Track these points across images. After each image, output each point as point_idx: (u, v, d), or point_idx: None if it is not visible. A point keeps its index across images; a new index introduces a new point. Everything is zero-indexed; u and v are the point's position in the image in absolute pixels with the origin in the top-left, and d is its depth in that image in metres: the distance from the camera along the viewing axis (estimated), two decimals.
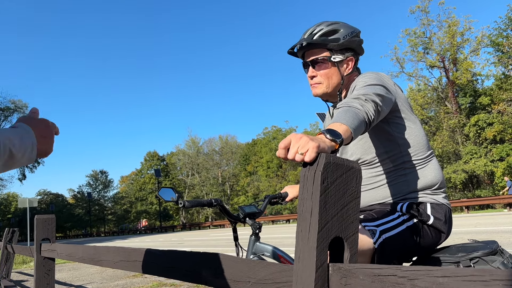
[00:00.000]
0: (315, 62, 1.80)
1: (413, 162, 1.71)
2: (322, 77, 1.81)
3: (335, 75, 1.80)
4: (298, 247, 0.97)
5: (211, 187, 63.06)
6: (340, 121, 1.24)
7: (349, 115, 1.28)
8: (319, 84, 1.82)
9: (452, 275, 0.71)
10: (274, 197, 2.15)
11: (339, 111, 1.34)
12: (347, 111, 1.31)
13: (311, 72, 1.82)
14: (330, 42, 1.76)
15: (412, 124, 1.73)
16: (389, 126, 1.70)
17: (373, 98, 1.44)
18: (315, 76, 1.82)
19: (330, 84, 1.81)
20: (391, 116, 1.69)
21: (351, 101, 1.39)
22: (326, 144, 1.05)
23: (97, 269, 8.89)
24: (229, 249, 10.62)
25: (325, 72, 1.80)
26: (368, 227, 1.53)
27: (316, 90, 1.84)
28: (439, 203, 1.69)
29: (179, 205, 1.77)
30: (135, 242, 22.74)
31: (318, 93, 1.84)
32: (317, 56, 1.80)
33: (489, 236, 8.51)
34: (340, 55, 1.79)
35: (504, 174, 26.97)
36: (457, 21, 32.19)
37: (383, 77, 1.69)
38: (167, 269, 1.74)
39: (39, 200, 67.04)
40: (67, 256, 2.98)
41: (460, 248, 1.59)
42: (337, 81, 1.81)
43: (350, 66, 1.82)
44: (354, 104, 1.36)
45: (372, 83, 1.56)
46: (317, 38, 1.77)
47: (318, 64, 1.80)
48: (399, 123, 1.71)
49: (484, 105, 31.51)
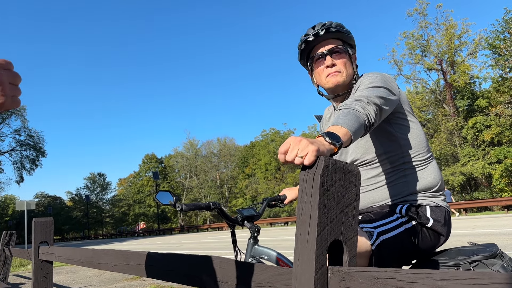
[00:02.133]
0: (334, 51, 1.78)
1: (413, 163, 1.71)
2: (341, 66, 1.78)
3: (349, 66, 1.80)
4: (297, 250, 0.97)
5: (209, 189, 63.00)
6: (340, 124, 1.24)
7: (349, 118, 1.29)
8: (339, 73, 1.78)
9: (451, 278, 0.71)
10: (272, 199, 2.15)
11: (340, 113, 1.34)
12: (348, 114, 1.31)
13: (330, 61, 1.78)
14: (345, 33, 1.79)
15: (413, 125, 1.74)
16: (391, 127, 1.71)
17: (375, 100, 1.45)
18: (334, 65, 1.78)
19: (348, 74, 1.79)
20: (394, 117, 1.70)
21: (352, 103, 1.39)
22: (325, 147, 1.06)
23: (95, 272, 8.87)
24: (228, 251, 10.60)
25: (344, 61, 1.79)
26: (366, 228, 1.53)
27: (337, 78, 1.78)
28: (439, 206, 1.69)
29: (177, 208, 1.77)
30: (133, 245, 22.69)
31: (340, 81, 1.78)
32: (335, 44, 1.79)
33: (487, 238, 8.52)
34: (350, 48, 1.81)
35: (501, 176, 27.04)
36: (454, 24, 32.34)
37: (387, 78, 1.69)
38: (165, 272, 1.74)
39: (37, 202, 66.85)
40: (65, 259, 2.97)
41: (459, 251, 1.59)
42: (352, 73, 1.81)
43: (355, 62, 1.84)
44: (355, 106, 1.37)
45: (376, 85, 1.57)
46: (335, 26, 1.77)
47: (336, 54, 1.78)
48: (401, 124, 1.72)
49: (482, 108, 31.62)
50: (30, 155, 50.33)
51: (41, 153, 50.77)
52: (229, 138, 68.12)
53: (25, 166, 50.24)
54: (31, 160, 50.44)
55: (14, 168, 49.70)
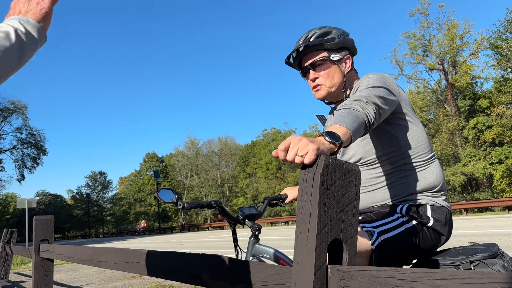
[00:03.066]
0: (315, 64, 1.80)
1: (414, 163, 1.71)
2: (324, 78, 1.79)
3: (336, 74, 1.80)
4: (297, 249, 0.97)
5: (210, 188, 63.02)
6: (340, 123, 1.24)
7: (349, 117, 1.29)
8: (321, 86, 1.81)
9: (451, 278, 0.71)
10: (273, 198, 2.15)
11: (340, 113, 1.34)
12: (347, 113, 1.31)
13: (312, 75, 1.81)
14: (327, 42, 1.77)
15: (414, 126, 1.73)
16: (392, 128, 1.70)
17: (375, 100, 1.45)
18: (317, 78, 1.81)
19: (333, 84, 1.80)
20: (394, 118, 1.69)
21: (352, 103, 1.39)
22: (325, 146, 1.06)
23: (95, 270, 8.88)
24: (228, 250, 10.61)
25: (326, 72, 1.79)
26: (366, 228, 1.53)
27: (320, 93, 1.82)
28: (440, 206, 1.69)
29: (178, 206, 1.77)
30: (134, 244, 22.71)
31: (323, 94, 1.82)
32: (316, 58, 1.80)
33: (488, 238, 8.51)
34: (338, 54, 1.79)
35: (503, 177, 27.00)
36: (456, 24, 32.28)
37: (386, 78, 1.69)
38: (165, 270, 1.74)
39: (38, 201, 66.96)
40: (65, 257, 2.97)
41: (460, 251, 1.58)
42: (340, 80, 1.80)
43: (349, 65, 1.82)
44: (354, 106, 1.37)
45: (375, 85, 1.57)
46: (314, 40, 1.78)
47: (318, 66, 1.80)
48: (402, 125, 1.71)
49: (483, 108, 31.56)
50: (31, 153, 50.46)
51: (42, 151, 50.86)
52: (230, 137, 68.19)
53: (26, 164, 50.36)
54: (32, 158, 50.54)
55: (15, 166, 49.83)
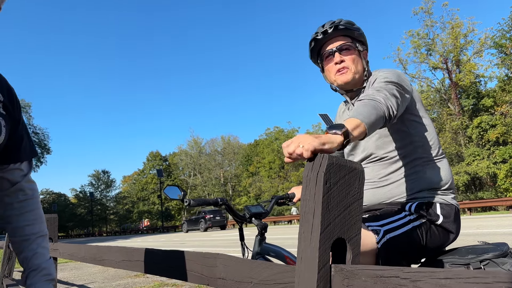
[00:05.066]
0: (342, 48, 1.79)
1: (424, 160, 1.70)
2: (350, 62, 1.78)
3: (360, 63, 1.80)
4: (300, 248, 0.97)
5: (213, 187, 63.09)
6: (355, 116, 1.25)
7: (366, 109, 1.29)
8: (347, 69, 1.79)
9: (455, 277, 0.71)
10: (281, 197, 2.15)
11: (359, 104, 1.35)
12: (365, 105, 1.32)
13: (339, 57, 1.79)
14: (355, 30, 1.79)
15: (425, 122, 1.74)
16: (404, 124, 1.70)
17: (395, 93, 1.48)
18: (343, 61, 1.79)
19: (357, 70, 1.79)
20: (406, 114, 1.69)
21: (374, 94, 1.41)
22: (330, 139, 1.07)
23: (99, 268, 8.90)
24: (231, 249, 10.62)
25: (353, 57, 1.78)
26: (372, 227, 1.52)
27: (346, 76, 1.79)
28: (449, 203, 1.68)
29: (184, 203, 1.77)
30: (137, 242, 22.76)
31: (349, 78, 1.78)
32: (343, 41, 1.79)
33: (492, 238, 8.48)
34: (360, 45, 1.81)
35: (506, 176, 26.90)
36: (460, 23, 32.17)
37: (400, 74, 1.69)
38: (168, 269, 1.74)
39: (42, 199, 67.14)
40: (69, 256, 2.98)
41: (470, 250, 1.57)
42: (362, 69, 1.80)
43: (366, 58, 1.84)
44: (376, 97, 1.38)
45: (392, 80, 1.58)
46: (344, 24, 1.78)
47: (344, 50, 1.79)
48: (414, 121, 1.71)
49: (487, 107, 31.45)
50: None
51: (46, 150, 51.02)
52: (233, 136, 68.25)
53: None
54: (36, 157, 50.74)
55: None
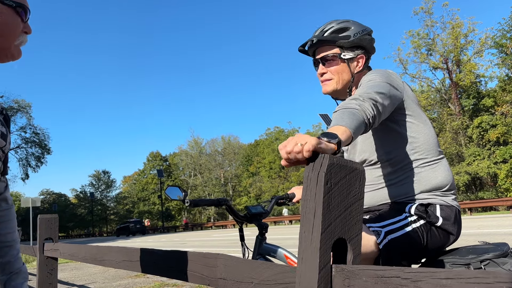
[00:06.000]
0: (325, 59, 1.79)
1: (422, 161, 1.68)
2: (332, 74, 1.79)
3: (345, 72, 1.79)
4: (301, 248, 0.97)
5: (213, 187, 63.13)
6: (338, 124, 1.24)
7: (346, 116, 1.28)
8: (329, 81, 1.80)
9: (456, 277, 0.71)
10: (281, 197, 2.15)
11: (337, 114, 1.33)
12: (343, 113, 1.31)
13: (321, 69, 1.81)
14: (340, 39, 1.75)
15: (421, 123, 1.71)
16: (398, 125, 1.68)
17: (373, 96, 1.44)
18: (325, 73, 1.81)
19: (340, 81, 1.79)
20: (399, 114, 1.67)
21: (348, 102, 1.39)
22: (324, 144, 1.06)
23: (99, 269, 8.91)
24: (232, 249, 10.62)
25: (335, 68, 1.78)
26: (373, 228, 1.52)
27: (326, 88, 1.81)
28: (449, 205, 1.66)
29: (185, 203, 1.77)
30: (138, 242, 22.77)
31: (328, 90, 1.81)
32: (327, 53, 1.79)
33: (493, 238, 8.48)
34: (351, 52, 1.77)
35: (507, 176, 26.89)
36: (460, 23, 32.18)
37: (390, 74, 1.67)
38: (169, 269, 1.74)
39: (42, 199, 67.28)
40: (69, 256, 2.98)
41: (470, 250, 1.56)
42: (348, 78, 1.79)
43: (361, 64, 1.80)
44: (351, 105, 1.36)
45: (376, 81, 1.56)
46: (327, 35, 1.76)
47: (328, 61, 1.79)
48: (408, 121, 1.69)
49: (488, 107, 31.44)
50: (35, 152, 50.60)
51: (46, 150, 50.99)
52: (234, 137, 68.36)
53: (31, 163, 50.51)
54: (36, 157, 50.69)
55: (20, 165, 49.98)
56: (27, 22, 1.28)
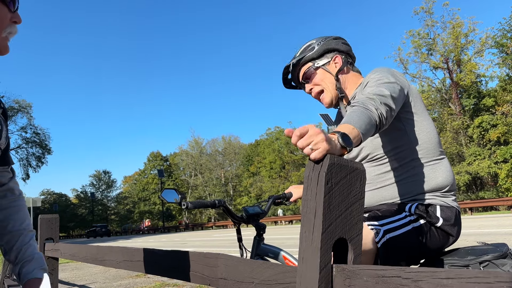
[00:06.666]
0: (306, 77, 1.89)
1: (423, 160, 1.68)
2: (317, 84, 1.86)
3: (327, 77, 1.84)
4: (302, 248, 0.97)
5: (214, 187, 63.12)
6: (353, 124, 1.24)
7: (363, 119, 1.28)
8: (321, 94, 1.87)
9: (456, 277, 0.71)
10: (278, 197, 2.14)
11: (355, 111, 1.33)
12: (362, 113, 1.31)
13: (308, 87, 1.90)
14: (308, 53, 1.86)
15: (424, 121, 1.70)
16: (401, 122, 1.67)
17: (387, 101, 1.44)
18: (312, 88, 1.88)
19: (329, 86, 1.84)
20: (403, 112, 1.66)
21: (366, 101, 1.38)
22: (337, 148, 1.06)
23: (100, 269, 8.91)
24: (232, 249, 10.62)
25: (316, 79, 1.86)
26: (372, 226, 1.51)
27: (325, 100, 1.87)
28: (449, 206, 1.66)
29: (182, 206, 1.77)
30: (138, 242, 22.77)
31: (328, 101, 1.86)
32: (303, 70, 1.89)
33: (493, 238, 8.47)
34: (323, 58, 1.85)
35: (508, 176, 26.87)
36: (461, 22, 32.16)
37: (395, 73, 1.67)
38: (169, 269, 1.74)
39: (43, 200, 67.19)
40: (70, 256, 2.99)
41: (469, 251, 1.55)
42: (333, 81, 1.84)
43: (339, 62, 1.85)
44: (369, 106, 1.35)
45: (386, 81, 1.56)
46: (298, 57, 1.88)
47: (309, 78, 1.88)
48: (411, 119, 1.68)
49: (488, 107, 31.43)
50: (36, 152, 50.54)
51: (46, 150, 50.96)
52: (234, 137, 68.41)
53: (31, 163, 50.45)
54: (37, 157, 50.64)
55: (20, 165, 49.90)
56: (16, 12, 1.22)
